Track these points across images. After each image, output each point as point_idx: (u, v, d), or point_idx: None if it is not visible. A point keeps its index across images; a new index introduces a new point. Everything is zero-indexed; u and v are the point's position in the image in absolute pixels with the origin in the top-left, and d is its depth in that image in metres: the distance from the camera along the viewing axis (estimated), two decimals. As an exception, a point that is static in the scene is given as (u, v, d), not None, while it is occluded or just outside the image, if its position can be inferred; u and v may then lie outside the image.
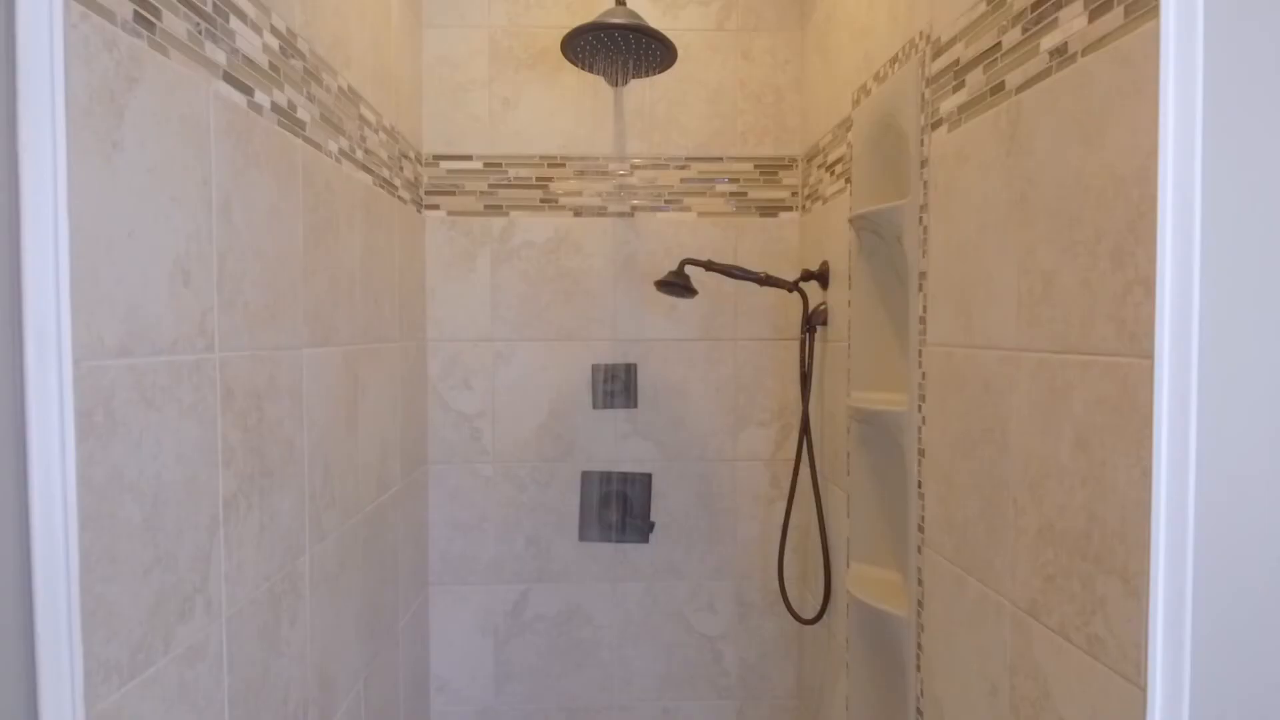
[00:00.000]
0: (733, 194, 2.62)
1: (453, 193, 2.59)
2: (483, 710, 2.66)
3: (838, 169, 2.22)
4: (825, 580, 2.27)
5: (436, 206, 2.58)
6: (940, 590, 1.56)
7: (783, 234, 2.63)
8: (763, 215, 2.63)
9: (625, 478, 2.60)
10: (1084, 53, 1.10)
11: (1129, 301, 1.01)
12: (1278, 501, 0.95)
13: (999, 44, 1.33)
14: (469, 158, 2.58)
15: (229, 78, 1.28)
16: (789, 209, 2.63)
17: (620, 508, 2.60)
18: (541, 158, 2.60)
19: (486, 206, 2.60)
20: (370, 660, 1.98)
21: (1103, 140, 1.06)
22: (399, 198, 2.26)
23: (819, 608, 2.33)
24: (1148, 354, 0.98)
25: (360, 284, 1.91)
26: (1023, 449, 1.25)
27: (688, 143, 2.61)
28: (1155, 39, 0.96)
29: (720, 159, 2.62)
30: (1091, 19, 1.08)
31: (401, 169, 2.29)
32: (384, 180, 2.10)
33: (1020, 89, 1.26)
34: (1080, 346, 1.11)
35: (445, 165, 2.58)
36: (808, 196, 2.53)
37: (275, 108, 1.44)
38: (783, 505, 2.63)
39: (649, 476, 2.60)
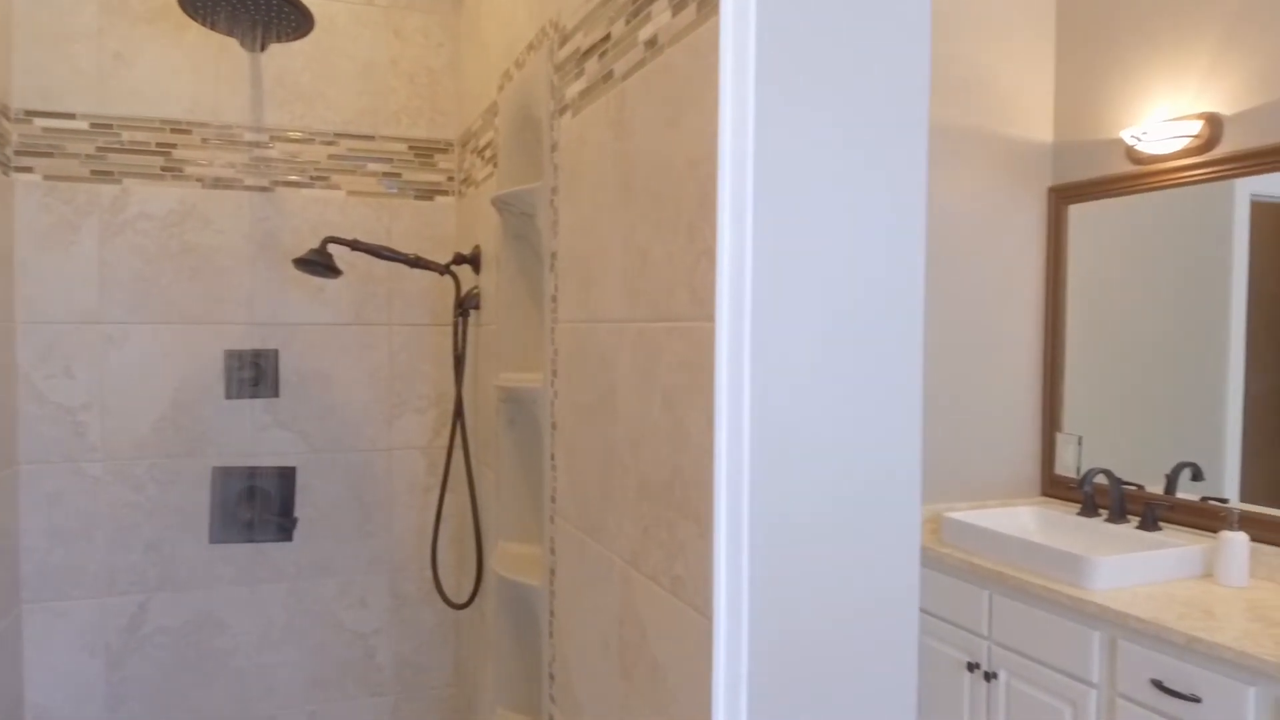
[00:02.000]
0: (386, 174, 2.55)
1: (50, 154, 2.25)
2: (95, 742, 2.34)
3: (487, 153, 2.24)
4: (477, 563, 2.28)
5: (29, 169, 2.24)
6: (568, 556, 1.62)
7: (439, 218, 2.61)
8: (419, 198, 2.59)
9: (264, 472, 2.43)
10: (669, 44, 1.20)
11: (699, 270, 1.11)
12: (820, 444, 1.10)
13: (609, 34, 1.41)
14: (71, 115, 2.27)
15: None
16: (445, 193, 2.61)
17: (258, 505, 2.42)
18: (163, 122, 2.35)
19: (94, 172, 2.29)
20: (-74, 696, 1.66)
21: (681, 125, 1.16)
22: (-28, 152, 1.92)
23: (472, 591, 2.33)
24: (711, 317, 1.09)
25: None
26: (628, 412, 1.34)
27: (336, 118, 2.50)
28: (717, 32, 1.07)
29: (372, 137, 2.54)
30: (675, 12, 1.18)
31: (-24, 119, 1.95)
32: (-53, 129, 1.78)
33: (625, 77, 1.35)
34: (667, 314, 1.20)
35: (41, 123, 2.24)
36: (463, 181, 2.53)
37: None
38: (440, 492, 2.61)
39: (292, 470, 2.45)
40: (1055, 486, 2.65)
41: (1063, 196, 2.62)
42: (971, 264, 2.57)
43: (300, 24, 2.16)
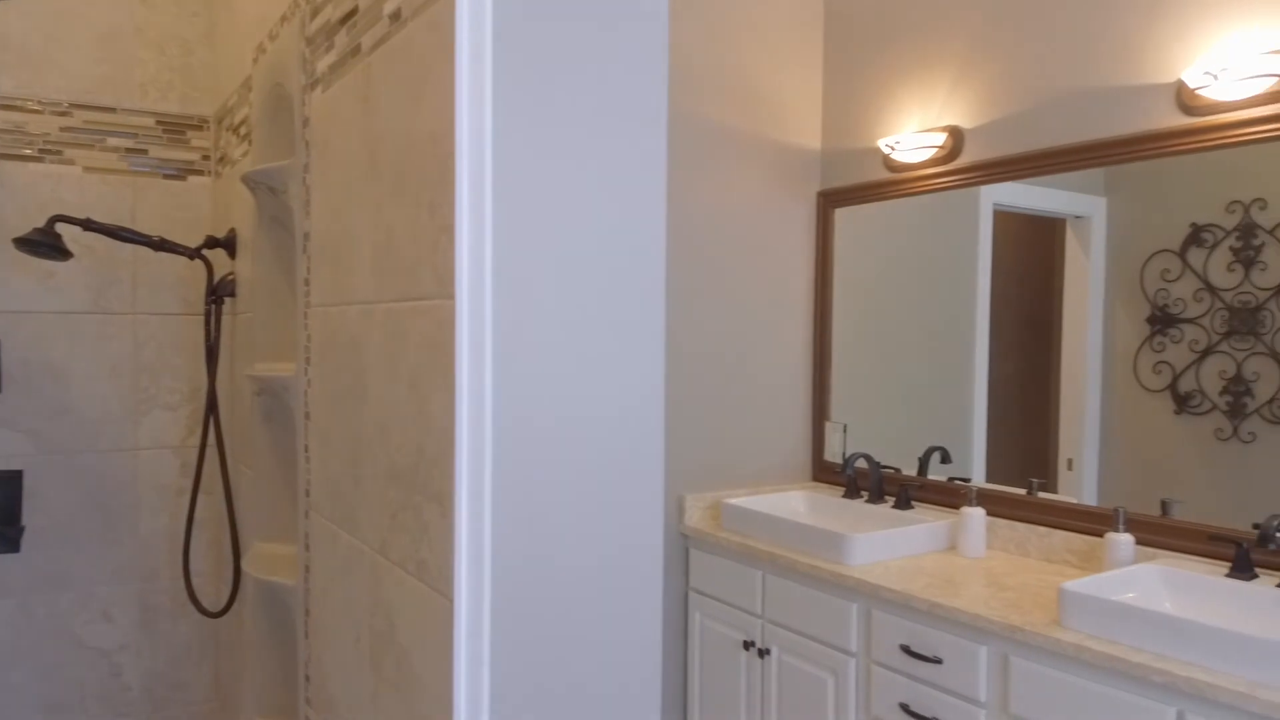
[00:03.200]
0: (130, 150, 2.34)
1: None
2: None
3: (243, 130, 2.11)
4: (235, 567, 2.14)
5: None
6: (322, 551, 1.56)
7: (193, 199, 2.43)
8: (169, 178, 2.40)
9: (-17, 476, 2.17)
10: (412, 18, 1.18)
11: (440, 248, 1.10)
12: (564, 423, 1.12)
13: (357, 7, 1.37)
14: None
15: None
16: (200, 173, 2.44)
17: (-27, 512, 2.16)
18: None
19: None
20: None
21: (422, 100, 1.15)
22: None
23: (229, 597, 2.19)
24: (452, 295, 1.08)
25: None
26: (377, 397, 1.31)
27: (71, 86, 2.27)
28: (454, 6, 1.07)
29: (114, 110, 2.32)
30: (416, -12, 1.17)
31: None
32: None
33: (372, 51, 1.32)
34: (412, 293, 1.18)
35: None
36: (219, 160, 2.37)
37: None
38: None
39: (18, 474, 2.20)
40: (824, 471, 2.84)
41: (830, 200, 2.81)
42: (748, 263, 2.71)
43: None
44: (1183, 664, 1.49)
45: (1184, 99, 1.92)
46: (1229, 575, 1.75)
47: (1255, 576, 1.74)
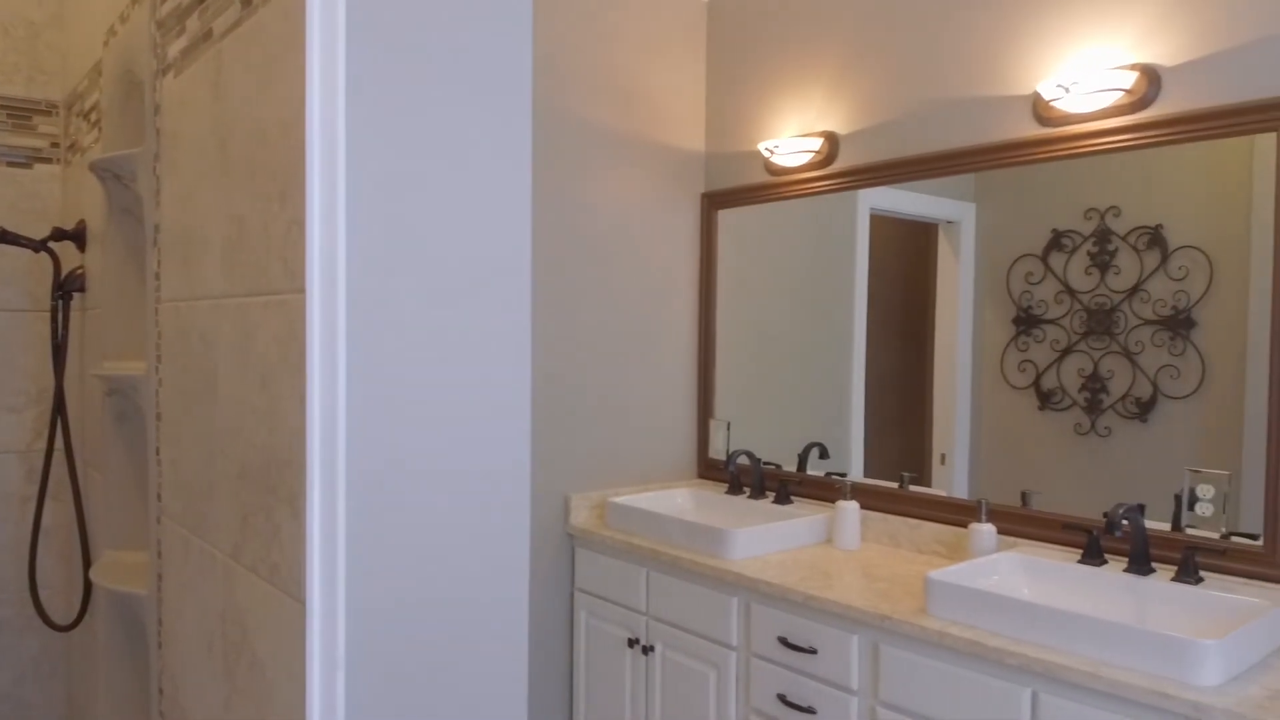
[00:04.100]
0: (-31, 135, 2.18)
1: None
2: None
3: (94, 116, 1.99)
4: (85, 578, 2.01)
5: None
6: (174, 558, 1.48)
7: (40, 189, 2.27)
8: (14, 165, 2.24)
9: None
10: (264, 3, 1.13)
11: (290, 240, 1.06)
12: (426, 420, 1.09)
13: (208, -12, 1.31)
14: None
15: None
16: (48, 161, 2.28)
17: None
18: None
19: None
20: None
21: (273, 88, 1.10)
22: None
23: (79, 610, 2.06)
24: (303, 288, 1.04)
25: None
26: (228, 396, 1.25)
27: (-102, 63, 2.09)
28: (302, -9, 1.03)
29: (-50, 91, 2.16)
30: (266, -31, 1.12)
31: None
32: None
33: (223, 36, 1.26)
34: (263, 287, 1.14)
35: None
36: (69, 148, 2.23)
37: None
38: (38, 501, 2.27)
39: None
40: (709, 469, 2.87)
41: (713, 202, 2.85)
42: (634, 263, 2.71)
43: None
44: (1037, 646, 1.56)
45: (1039, 110, 2.03)
46: (1081, 561, 1.85)
47: (1104, 562, 1.84)
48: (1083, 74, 1.90)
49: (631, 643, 2.35)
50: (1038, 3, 2.04)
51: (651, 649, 2.30)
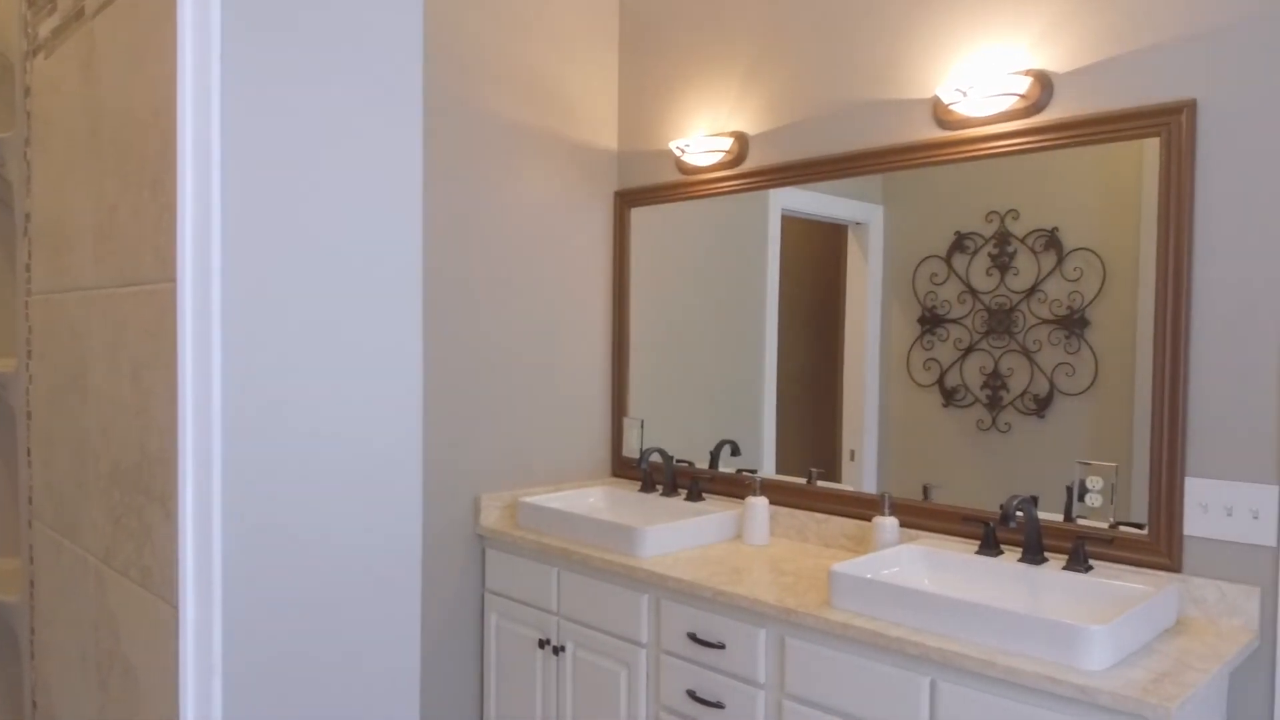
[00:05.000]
0: None
1: None
2: None
3: (-33, 100, 1.88)
4: (-41, 589, 1.90)
5: None
6: (46, 563, 1.41)
7: (-90, 177, 2.13)
8: (-120, 151, 2.10)
9: None
10: (134, -22, 1.08)
11: (162, 228, 1.02)
12: (308, 415, 1.05)
13: (80, -37, 1.24)
14: None
15: None
16: (-81, 147, 2.15)
17: None
18: None
19: None
20: None
21: (144, 70, 1.05)
22: None
23: (-48, 624, 1.94)
24: (174, 278, 0.99)
25: None
26: (99, 392, 1.19)
27: None
28: (173, -33, 0.98)
29: None
30: (137, -56, 1.07)
31: None
32: None
33: (95, 14, 1.20)
34: (134, 278, 1.08)
35: None
36: (-58, 134, 2.10)
37: None
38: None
39: None
40: (624, 467, 2.86)
41: (626, 200, 2.84)
42: (546, 261, 2.68)
43: None
44: (935, 636, 1.59)
45: (939, 114, 2.07)
46: (978, 553, 1.90)
47: (1000, 553, 1.89)
48: (979, 78, 1.95)
49: (542, 643, 2.33)
50: (938, 6, 2.09)
51: (562, 649, 2.28)
